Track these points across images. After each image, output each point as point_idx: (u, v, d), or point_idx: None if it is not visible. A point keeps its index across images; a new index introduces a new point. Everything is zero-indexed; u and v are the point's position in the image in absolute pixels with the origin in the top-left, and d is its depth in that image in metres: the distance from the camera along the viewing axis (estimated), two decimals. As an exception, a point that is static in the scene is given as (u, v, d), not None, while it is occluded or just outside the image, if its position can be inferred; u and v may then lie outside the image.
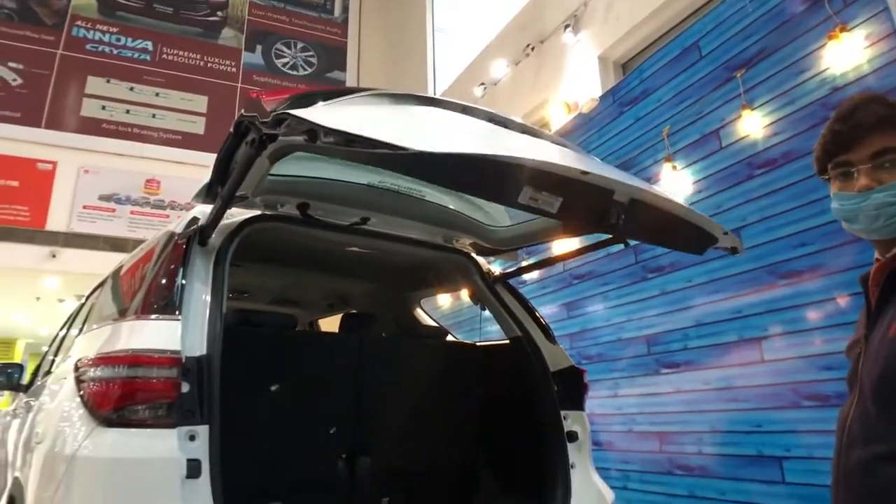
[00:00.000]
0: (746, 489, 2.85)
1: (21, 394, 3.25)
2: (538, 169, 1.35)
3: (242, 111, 1.44)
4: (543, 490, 2.17)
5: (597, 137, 4.23)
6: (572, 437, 2.23)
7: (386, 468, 2.38)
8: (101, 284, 2.60)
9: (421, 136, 1.24)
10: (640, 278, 3.60)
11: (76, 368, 1.56)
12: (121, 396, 1.34)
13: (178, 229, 1.68)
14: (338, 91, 1.51)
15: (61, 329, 3.34)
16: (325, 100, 1.40)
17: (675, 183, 3.45)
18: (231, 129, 1.44)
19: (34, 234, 8.46)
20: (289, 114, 1.23)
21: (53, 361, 2.57)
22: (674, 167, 3.48)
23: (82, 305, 2.89)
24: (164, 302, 1.48)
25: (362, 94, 1.49)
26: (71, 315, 3.32)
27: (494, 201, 1.98)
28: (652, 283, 3.50)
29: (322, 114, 1.25)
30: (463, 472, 2.57)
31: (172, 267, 1.55)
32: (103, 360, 1.42)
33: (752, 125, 3.03)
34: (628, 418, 3.48)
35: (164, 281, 1.53)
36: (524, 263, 2.96)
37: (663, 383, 3.35)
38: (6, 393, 4.48)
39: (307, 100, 1.38)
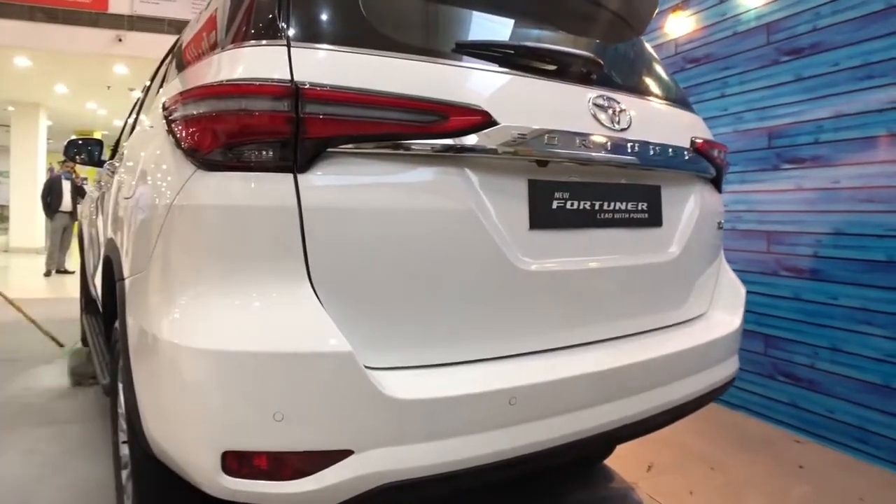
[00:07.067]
0: (864, 295, 2.64)
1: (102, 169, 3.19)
2: None
3: None
4: None
5: None
6: None
7: None
8: (169, 51, 2.33)
9: None
10: (770, 62, 3.11)
11: (164, 109, 1.31)
12: (224, 133, 1.09)
13: None
14: None
15: (130, 114, 3.18)
16: None
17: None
18: None
19: (97, 16, 8.17)
20: None
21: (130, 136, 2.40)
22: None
23: (152, 79, 2.67)
24: (266, 24, 1.18)
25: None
26: (139, 97, 3.13)
27: None
28: (784, 68, 3.03)
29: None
30: None
31: None
32: (200, 92, 1.14)
33: None
34: (734, 216, 3.22)
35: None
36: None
37: (782, 180, 3.03)
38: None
39: None
